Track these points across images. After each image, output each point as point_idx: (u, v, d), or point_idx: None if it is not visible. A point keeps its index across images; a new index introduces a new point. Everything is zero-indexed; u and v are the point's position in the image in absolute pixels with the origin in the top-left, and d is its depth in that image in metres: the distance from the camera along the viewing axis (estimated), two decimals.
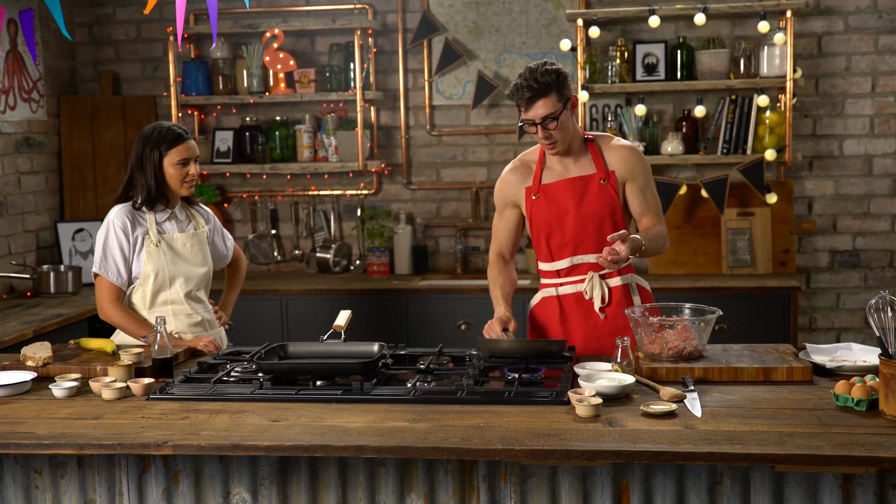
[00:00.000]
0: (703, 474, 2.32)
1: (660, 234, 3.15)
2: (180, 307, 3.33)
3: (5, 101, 4.95)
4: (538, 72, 3.01)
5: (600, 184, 3.14)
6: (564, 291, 3.22)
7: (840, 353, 2.86)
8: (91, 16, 5.63)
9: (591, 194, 3.14)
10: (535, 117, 3.03)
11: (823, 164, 5.18)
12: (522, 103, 3.03)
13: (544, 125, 3.03)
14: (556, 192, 3.16)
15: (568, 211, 3.15)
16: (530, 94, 3.00)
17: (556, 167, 3.19)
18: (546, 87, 3.00)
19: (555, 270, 3.22)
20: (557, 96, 3.02)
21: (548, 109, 3.01)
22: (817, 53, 5.11)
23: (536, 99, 3.01)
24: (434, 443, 2.21)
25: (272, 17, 5.46)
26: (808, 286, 5.23)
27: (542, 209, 3.17)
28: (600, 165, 3.16)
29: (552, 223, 3.16)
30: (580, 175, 3.16)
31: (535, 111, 3.02)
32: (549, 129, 3.03)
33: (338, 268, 5.45)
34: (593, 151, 3.18)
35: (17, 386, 2.72)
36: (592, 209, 3.14)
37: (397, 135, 5.49)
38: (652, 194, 3.20)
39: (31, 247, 5.17)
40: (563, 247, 3.18)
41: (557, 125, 3.03)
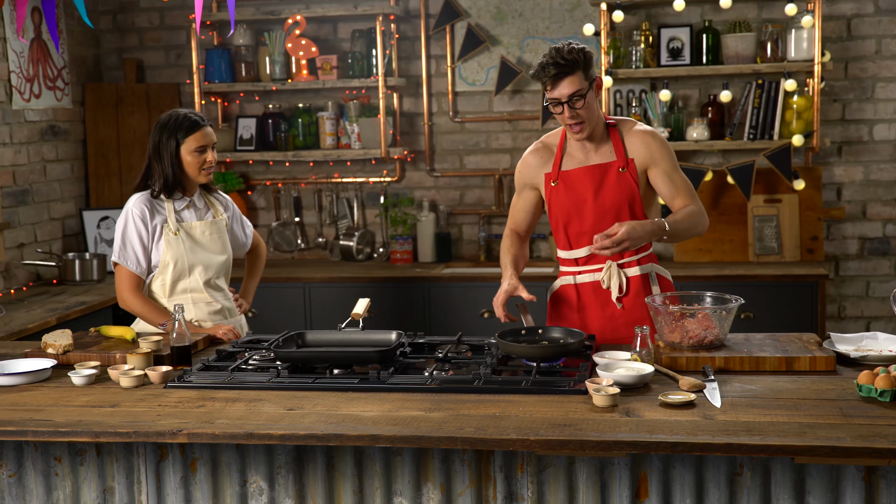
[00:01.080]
0: (722, 465, 2.29)
1: (691, 213, 3.06)
2: (200, 295, 3.34)
3: (30, 90, 4.98)
4: (564, 50, 2.95)
5: (619, 172, 3.09)
6: (582, 280, 3.19)
7: (865, 343, 2.81)
8: (115, 3, 5.65)
9: (609, 183, 3.09)
10: (562, 96, 2.96)
11: (853, 150, 5.09)
12: (548, 81, 2.96)
13: (571, 104, 2.97)
14: (574, 180, 3.12)
15: (586, 199, 3.11)
16: (556, 70, 2.93)
17: (576, 154, 3.15)
18: (573, 64, 2.94)
19: (573, 259, 3.19)
20: (584, 75, 2.96)
21: (574, 87, 2.95)
22: (846, 36, 5.02)
23: (563, 77, 2.94)
24: (448, 432, 2.19)
25: (294, 3, 5.45)
26: (837, 274, 5.16)
27: (561, 197, 3.14)
28: (620, 153, 3.11)
29: (570, 211, 3.13)
30: (599, 163, 3.11)
31: (562, 89, 2.95)
32: (575, 108, 2.97)
33: (361, 255, 5.44)
34: (615, 138, 3.12)
35: (37, 373, 2.74)
36: (611, 198, 3.09)
37: (420, 121, 5.46)
38: (679, 176, 3.12)
39: (56, 235, 5.20)
40: (581, 235, 3.14)
41: (584, 104, 2.98)
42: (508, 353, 2.79)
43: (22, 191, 4.91)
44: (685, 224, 3.03)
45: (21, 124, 4.92)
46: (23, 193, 4.92)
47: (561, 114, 3.01)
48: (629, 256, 3.13)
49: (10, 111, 4.83)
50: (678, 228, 3.01)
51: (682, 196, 3.10)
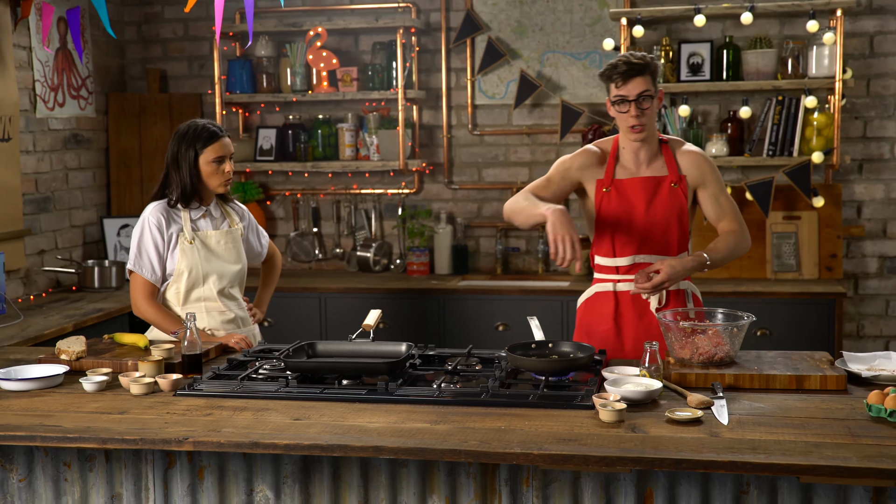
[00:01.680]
0: (728, 483, 2.27)
1: (732, 240, 3.16)
2: (213, 304, 3.36)
3: (54, 98, 5.04)
4: (637, 54, 3.06)
5: (671, 186, 3.15)
6: (622, 288, 3.21)
7: (878, 362, 2.78)
8: (140, 14, 5.71)
9: (661, 195, 3.15)
10: (630, 93, 3.04)
11: (874, 168, 5.06)
12: (618, 78, 3.04)
13: (639, 103, 3.04)
14: (627, 189, 3.16)
15: (638, 209, 3.15)
16: (627, 68, 3.03)
17: (629, 164, 3.19)
18: (645, 65, 3.04)
19: (614, 266, 3.22)
20: (652, 79, 3.06)
21: (644, 86, 3.04)
22: (869, 53, 4.99)
23: (634, 75, 3.03)
24: (452, 445, 2.19)
25: (316, 15, 5.48)
26: (857, 292, 5.11)
27: (613, 204, 3.17)
28: (673, 168, 3.17)
29: (620, 219, 3.17)
30: (653, 175, 3.17)
31: (631, 87, 3.03)
32: (643, 107, 3.04)
33: (378, 266, 5.46)
34: (666, 154, 3.19)
35: (49, 379, 2.77)
36: (662, 211, 3.15)
37: (439, 134, 5.48)
38: (726, 198, 3.21)
39: (77, 242, 5.26)
40: (627, 244, 3.18)
41: (651, 105, 3.05)
42: (517, 367, 2.78)
43: (44, 198, 4.97)
44: (725, 253, 3.13)
45: (44, 132, 4.98)
46: (45, 201, 4.98)
47: (626, 112, 3.06)
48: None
49: (34, 119, 4.89)
50: (719, 258, 3.11)
51: (728, 219, 3.19)
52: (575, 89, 5.27)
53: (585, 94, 5.26)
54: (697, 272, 3.10)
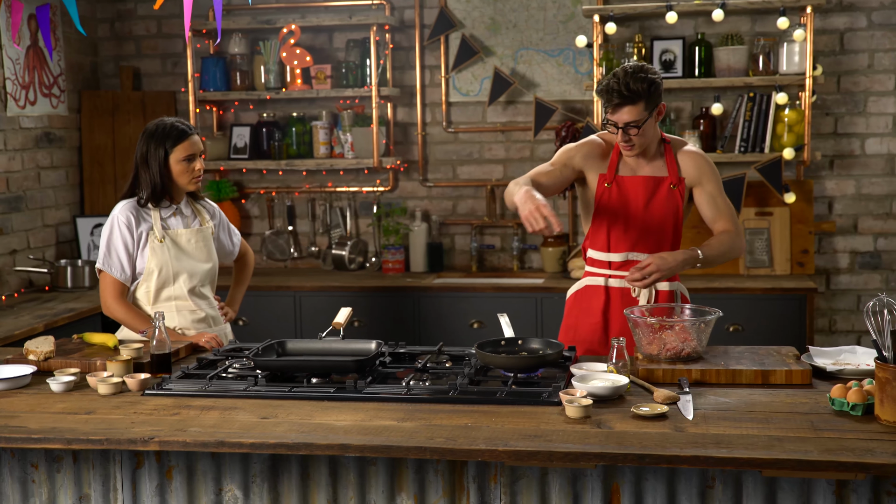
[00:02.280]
0: (694, 478, 2.29)
1: (727, 239, 3.16)
2: (184, 303, 3.35)
3: (25, 97, 5.00)
4: (631, 77, 3.03)
5: (670, 188, 3.18)
6: (614, 284, 3.24)
7: (844, 357, 2.81)
8: (113, 11, 5.68)
9: (660, 196, 3.18)
10: (619, 122, 3.07)
11: (845, 164, 5.10)
12: (608, 106, 3.07)
13: (626, 131, 3.07)
14: (628, 187, 3.19)
15: (636, 207, 3.18)
16: (619, 99, 3.03)
17: (631, 161, 3.23)
18: (636, 95, 3.03)
19: (607, 261, 3.24)
20: (645, 105, 3.05)
21: (633, 117, 3.05)
22: (839, 50, 5.03)
23: (624, 105, 3.04)
24: (418, 442, 2.20)
25: (290, 12, 5.47)
26: (828, 288, 5.15)
27: (613, 199, 3.20)
28: (673, 170, 3.20)
29: (619, 215, 3.19)
30: (653, 175, 3.19)
31: (620, 116, 3.06)
32: (629, 134, 3.07)
33: (353, 265, 5.45)
34: (668, 155, 3.22)
35: (16, 380, 2.75)
36: (659, 211, 3.18)
37: (413, 131, 5.48)
38: (723, 199, 3.23)
39: (50, 241, 5.23)
40: (622, 240, 3.21)
41: (638, 132, 3.07)
42: (487, 364, 2.79)
43: (15, 197, 4.94)
44: (719, 250, 3.13)
45: (15, 131, 4.94)
46: (16, 200, 4.94)
47: (615, 134, 3.11)
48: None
49: (5, 118, 4.86)
50: (712, 255, 3.11)
51: (724, 219, 3.20)
52: (549, 86, 5.28)
53: (559, 91, 5.27)
54: (689, 268, 3.09)
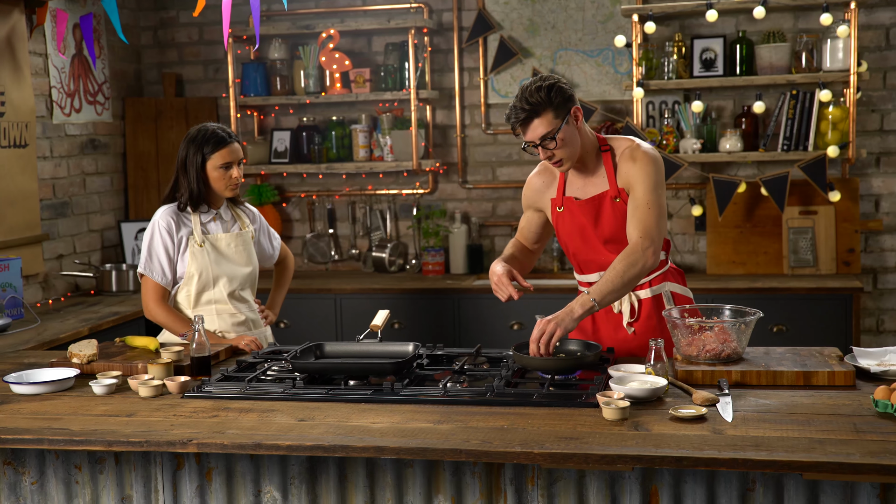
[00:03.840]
0: (734, 481, 2.26)
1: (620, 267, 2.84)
2: (224, 307, 3.38)
3: (71, 104, 5.09)
4: (528, 91, 2.86)
5: (613, 202, 2.99)
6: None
7: (888, 357, 2.75)
8: (155, 19, 5.76)
9: (605, 214, 3.00)
10: (534, 138, 2.88)
11: (892, 161, 5.01)
12: (518, 126, 2.89)
13: (544, 145, 2.89)
14: (575, 210, 3.04)
15: (587, 229, 3.03)
16: (523, 115, 2.84)
17: (575, 180, 3.07)
18: (537, 106, 2.83)
19: (587, 282, 3.13)
20: (554, 113, 2.85)
21: (545, 128, 2.85)
22: (885, 45, 4.94)
23: (530, 120, 2.85)
24: (454, 444, 2.20)
25: (329, 17, 5.50)
26: (875, 287, 5.06)
27: (567, 223, 3.07)
28: (612, 181, 2.99)
29: (576, 238, 3.07)
30: (594, 195, 3.01)
31: (532, 132, 2.87)
32: (549, 148, 2.89)
33: (393, 267, 5.47)
34: (607, 163, 3.00)
35: (59, 382, 2.79)
36: (609, 229, 3.00)
37: (452, 133, 5.48)
38: (645, 203, 2.90)
39: (95, 246, 5.31)
40: (589, 262, 3.09)
41: (557, 144, 2.88)
42: (524, 366, 2.78)
43: (62, 203, 5.02)
44: (613, 284, 2.83)
45: (61, 138, 5.03)
46: (62, 206, 5.03)
47: (538, 154, 2.93)
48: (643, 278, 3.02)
49: (51, 125, 4.94)
50: (604, 293, 2.82)
51: (635, 226, 2.90)
52: (588, 87, 5.25)
53: (598, 92, 5.24)
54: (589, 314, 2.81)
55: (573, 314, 2.78)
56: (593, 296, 2.81)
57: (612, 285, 2.83)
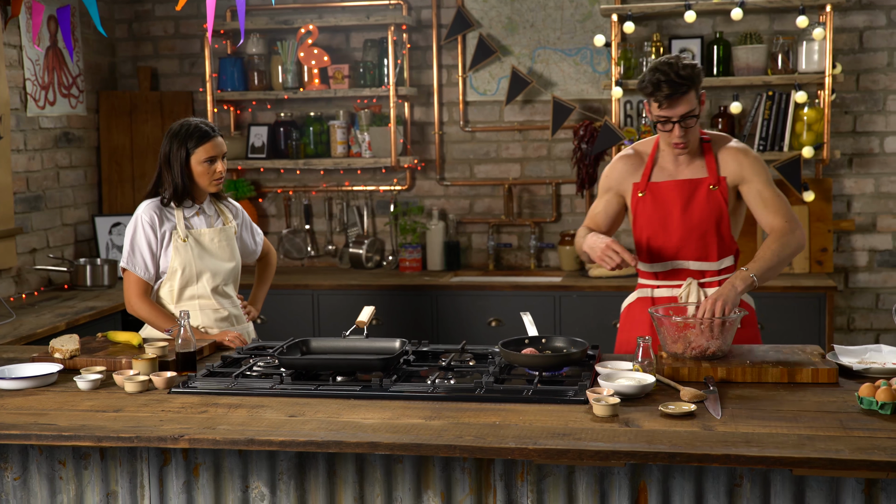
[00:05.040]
0: (722, 476, 2.29)
1: (776, 247, 2.91)
2: (207, 302, 3.36)
3: (45, 97, 5.03)
4: (678, 66, 2.87)
5: (709, 189, 3.02)
6: (659, 294, 3.14)
7: (869, 355, 2.80)
8: (130, 12, 5.70)
9: (699, 199, 3.02)
10: (675, 115, 2.90)
11: (863, 162, 5.08)
12: (662, 100, 2.88)
13: (683, 123, 2.91)
14: (663, 193, 3.05)
15: (673, 214, 3.04)
16: (671, 90, 2.86)
17: (667, 166, 3.08)
18: (688, 82, 2.87)
19: (653, 272, 3.14)
20: (695, 92, 2.91)
21: (689, 106, 2.89)
22: (858, 48, 5.02)
23: (679, 96, 2.87)
24: (448, 440, 2.20)
25: (307, 12, 5.48)
26: (847, 286, 5.14)
27: (648, 208, 3.07)
28: (713, 170, 3.03)
29: (655, 224, 3.07)
30: (690, 178, 3.04)
31: (676, 109, 2.89)
32: (687, 126, 2.91)
33: (370, 263, 5.46)
34: (708, 154, 3.05)
35: (43, 378, 2.77)
36: (699, 215, 3.02)
37: (431, 130, 5.48)
38: (771, 192, 3.00)
39: (69, 240, 5.25)
40: (664, 250, 3.08)
41: (695, 122, 2.92)
42: (511, 362, 2.79)
43: (35, 196, 4.96)
44: (770, 262, 2.89)
45: (35, 131, 4.97)
46: (36, 199, 4.97)
47: (669, 132, 2.94)
48: (710, 276, 3.05)
49: (25, 118, 4.88)
50: (762, 271, 2.86)
51: (774, 216, 2.98)
52: (566, 85, 5.28)
53: (577, 91, 5.27)
54: (750, 290, 2.86)
55: (735, 289, 2.81)
56: (752, 272, 2.85)
57: (769, 263, 2.88)
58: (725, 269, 3.11)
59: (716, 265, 3.09)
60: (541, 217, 5.39)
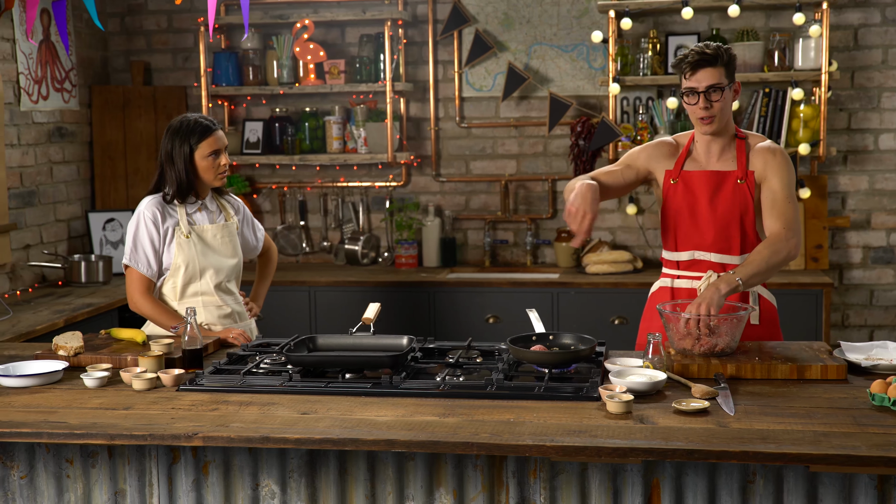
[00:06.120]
0: (735, 473, 2.29)
1: (766, 252, 2.91)
2: (210, 298, 3.34)
3: (38, 91, 4.98)
4: (711, 45, 2.99)
5: (737, 182, 3.06)
6: (679, 285, 3.15)
7: (875, 352, 2.82)
8: (123, 6, 5.65)
9: (725, 191, 3.06)
10: (699, 84, 2.96)
11: (858, 159, 5.11)
12: (688, 69, 2.97)
13: (707, 95, 2.96)
14: (693, 182, 3.09)
15: (701, 203, 3.08)
16: (698, 57, 2.95)
17: (699, 157, 3.13)
18: (716, 57, 2.96)
19: (675, 261, 3.16)
20: (725, 71, 2.98)
21: (715, 79, 2.95)
22: (853, 46, 5.04)
23: (704, 66, 2.95)
24: (464, 438, 2.20)
25: (303, 7, 5.45)
26: (841, 282, 5.17)
27: (678, 196, 3.11)
28: (742, 164, 3.07)
29: (684, 212, 3.10)
30: (719, 170, 3.09)
31: (700, 78, 2.96)
32: (711, 99, 2.96)
33: (366, 260, 5.45)
34: (740, 149, 3.09)
35: (49, 375, 2.74)
36: (725, 207, 3.06)
37: (426, 126, 5.47)
38: (784, 197, 3.01)
39: (62, 236, 5.21)
40: (688, 239, 3.11)
41: (721, 97, 2.97)
42: (520, 359, 2.79)
43: (29, 192, 4.92)
44: (758, 266, 2.89)
45: (29, 126, 4.92)
46: (29, 195, 4.92)
47: (695, 104, 2.99)
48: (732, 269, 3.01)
49: (19, 112, 4.83)
50: (749, 274, 2.87)
51: (776, 218, 2.99)
52: (563, 81, 5.28)
53: (573, 87, 5.27)
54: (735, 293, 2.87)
55: (720, 291, 2.82)
56: (738, 276, 2.86)
57: (756, 268, 2.89)
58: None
59: (738, 259, 3.09)
60: (537, 213, 5.39)
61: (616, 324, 4.76)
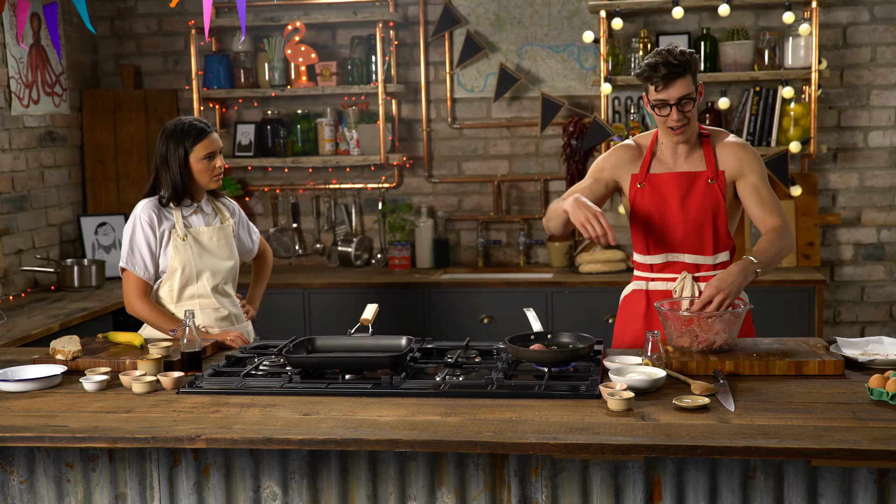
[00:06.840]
0: (736, 469, 2.30)
1: (777, 241, 2.94)
2: (207, 301, 3.34)
3: (28, 96, 4.96)
4: (675, 51, 2.93)
5: (707, 183, 3.04)
6: (654, 287, 3.15)
7: (871, 347, 2.84)
8: (113, 9, 5.64)
9: (696, 192, 3.04)
10: (671, 97, 2.93)
11: (848, 157, 5.14)
12: (659, 82, 2.93)
13: (680, 106, 2.95)
14: (661, 185, 3.07)
15: (671, 206, 3.06)
16: (667, 70, 2.90)
17: (666, 159, 3.10)
18: (685, 65, 2.92)
19: (648, 264, 3.15)
20: (692, 78, 2.96)
21: (686, 89, 2.93)
22: (842, 44, 5.07)
23: (675, 78, 2.92)
24: (467, 436, 2.20)
25: (294, 9, 5.45)
26: (833, 279, 5.20)
27: (646, 200, 3.08)
28: (711, 163, 3.05)
29: (653, 216, 3.08)
30: (689, 171, 3.07)
31: (672, 91, 2.93)
32: (684, 110, 2.95)
33: (359, 261, 5.45)
34: (706, 148, 3.08)
35: (48, 379, 2.73)
36: (696, 208, 3.04)
37: (419, 128, 5.48)
38: (767, 190, 3.03)
39: (54, 241, 5.19)
40: (660, 242, 3.09)
41: (693, 106, 2.96)
42: (519, 358, 2.80)
43: (20, 197, 4.90)
44: (771, 253, 2.91)
45: (20, 130, 4.90)
46: (21, 199, 4.91)
47: (666, 115, 2.97)
48: (705, 271, 3.06)
49: (10, 117, 4.82)
50: (766, 260, 2.88)
51: (771, 215, 3.01)
52: (554, 82, 5.29)
53: (565, 87, 5.28)
54: (751, 279, 2.84)
55: (734, 274, 2.80)
56: (759, 267, 2.85)
57: (770, 258, 2.90)
58: (721, 264, 3.12)
59: (711, 259, 3.11)
60: (529, 213, 5.41)
61: (610, 322, 4.77)
